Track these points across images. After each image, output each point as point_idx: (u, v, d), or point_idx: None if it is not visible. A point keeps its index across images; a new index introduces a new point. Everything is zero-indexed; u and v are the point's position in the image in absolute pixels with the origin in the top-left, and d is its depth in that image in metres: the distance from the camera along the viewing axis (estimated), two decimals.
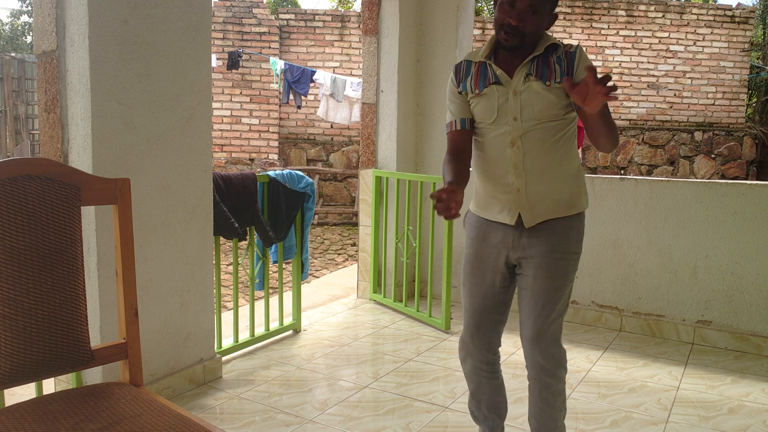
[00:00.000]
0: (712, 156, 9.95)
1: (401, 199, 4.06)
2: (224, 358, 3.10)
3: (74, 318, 1.46)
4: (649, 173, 9.90)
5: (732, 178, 9.79)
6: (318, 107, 8.74)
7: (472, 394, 2.05)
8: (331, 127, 9.54)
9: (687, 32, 9.87)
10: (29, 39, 16.64)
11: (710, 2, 12.87)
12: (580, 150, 9.60)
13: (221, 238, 3.08)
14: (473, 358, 1.99)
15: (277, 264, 3.50)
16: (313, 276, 5.72)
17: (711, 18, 9.86)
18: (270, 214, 3.32)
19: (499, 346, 2.03)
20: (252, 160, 9.34)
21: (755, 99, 11.14)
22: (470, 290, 1.97)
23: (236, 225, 3.06)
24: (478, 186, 1.99)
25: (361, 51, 4.62)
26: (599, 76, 1.54)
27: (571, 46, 1.83)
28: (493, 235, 1.92)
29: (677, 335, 3.61)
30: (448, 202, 1.55)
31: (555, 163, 1.84)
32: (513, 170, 1.84)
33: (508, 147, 1.83)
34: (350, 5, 16.62)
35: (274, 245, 3.43)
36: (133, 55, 2.39)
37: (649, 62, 9.89)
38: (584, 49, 1.94)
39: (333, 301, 4.41)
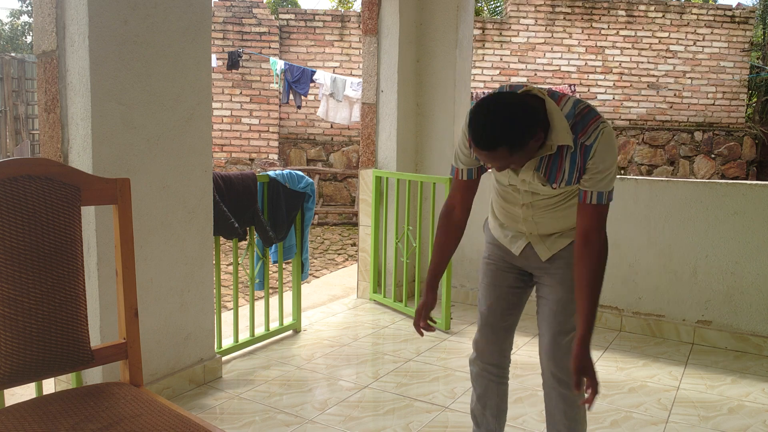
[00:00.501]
0: (712, 156, 9.95)
1: (401, 199, 4.06)
2: (224, 358, 3.10)
3: (74, 318, 1.46)
4: (649, 173, 9.90)
5: (732, 178, 9.79)
6: (318, 107, 8.74)
7: (479, 397, 2.04)
8: (331, 127, 9.54)
9: (687, 32, 9.87)
10: (29, 39, 16.64)
11: (710, 2, 12.87)
12: None
13: (221, 238, 3.08)
14: (483, 360, 1.99)
15: (277, 264, 3.50)
16: (313, 276, 5.71)
17: (711, 18, 9.86)
18: (270, 214, 3.32)
19: (511, 350, 2.02)
20: (252, 160, 9.34)
21: (755, 99, 11.14)
22: (485, 290, 1.99)
23: (236, 225, 3.06)
24: (494, 206, 1.99)
25: (361, 51, 4.62)
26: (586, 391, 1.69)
27: (589, 137, 1.62)
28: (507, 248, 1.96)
29: (677, 335, 3.61)
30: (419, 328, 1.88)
31: (567, 210, 1.84)
32: (523, 222, 1.87)
33: (518, 206, 1.85)
34: (350, 5, 16.62)
35: (274, 245, 3.43)
36: (133, 55, 2.39)
37: (649, 62, 9.89)
38: (610, 131, 1.64)
39: (333, 301, 4.41)
